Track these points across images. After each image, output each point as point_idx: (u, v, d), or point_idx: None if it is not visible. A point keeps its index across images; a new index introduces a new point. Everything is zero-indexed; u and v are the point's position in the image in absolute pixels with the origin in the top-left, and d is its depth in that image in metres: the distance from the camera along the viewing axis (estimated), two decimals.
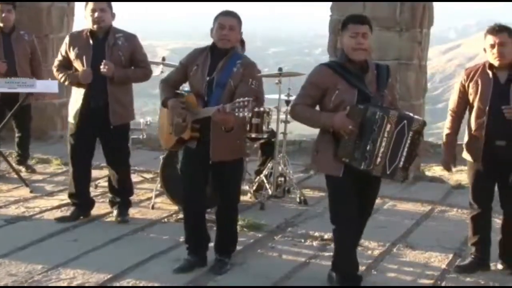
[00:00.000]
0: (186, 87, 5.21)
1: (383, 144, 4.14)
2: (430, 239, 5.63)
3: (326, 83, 4.25)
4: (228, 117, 4.41)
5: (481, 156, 4.77)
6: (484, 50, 4.79)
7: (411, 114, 4.29)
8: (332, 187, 4.36)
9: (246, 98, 4.32)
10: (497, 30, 4.71)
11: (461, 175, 7.68)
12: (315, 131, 4.57)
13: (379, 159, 4.16)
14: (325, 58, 8.45)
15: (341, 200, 4.32)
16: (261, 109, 6.30)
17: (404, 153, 4.18)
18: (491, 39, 4.71)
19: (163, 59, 7.29)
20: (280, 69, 6.88)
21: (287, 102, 6.88)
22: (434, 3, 7.88)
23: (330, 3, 7.90)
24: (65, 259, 4.99)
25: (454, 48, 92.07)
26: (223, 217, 4.89)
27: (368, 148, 4.13)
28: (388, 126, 4.12)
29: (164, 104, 4.81)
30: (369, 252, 5.30)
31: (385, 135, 4.13)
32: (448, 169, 5.11)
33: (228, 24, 4.63)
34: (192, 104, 4.66)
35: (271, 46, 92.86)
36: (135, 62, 5.77)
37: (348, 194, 4.30)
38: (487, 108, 4.70)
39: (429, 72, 4.31)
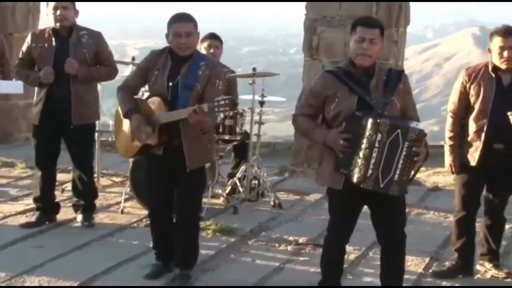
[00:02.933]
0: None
1: (374, 155, 3.90)
2: (407, 243, 5.66)
3: (327, 91, 4.10)
4: (206, 118, 4.38)
5: (477, 159, 4.79)
6: (489, 50, 4.77)
7: (409, 123, 3.99)
8: (331, 200, 4.28)
9: (227, 96, 4.28)
10: (509, 32, 4.66)
11: (438, 177, 7.76)
12: (290, 133, 4.57)
13: (370, 171, 3.91)
14: (300, 57, 8.49)
15: (338, 213, 4.24)
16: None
17: (400, 165, 3.89)
18: (500, 41, 4.68)
19: (133, 58, 7.26)
20: (254, 69, 6.88)
21: (261, 103, 6.89)
22: (411, 2, 7.95)
23: (304, 2, 7.94)
24: (30, 266, 4.94)
25: (431, 47, 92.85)
26: (184, 227, 4.76)
27: (360, 159, 3.93)
28: (379, 135, 3.88)
29: (126, 116, 4.66)
30: (345, 256, 5.31)
31: (376, 145, 3.89)
32: (454, 172, 5.02)
33: (183, 31, 4.52)
34: (157, 110, 4.57)
35: (244, 46, 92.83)
36: (100, 60, 5.74)
37: (346, 208, 4.19)
38: (489, 110, 4.72)
39: (406, 73, 4.27)
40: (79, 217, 5.94)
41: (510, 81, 4.75)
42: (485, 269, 5.07)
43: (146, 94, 5.09)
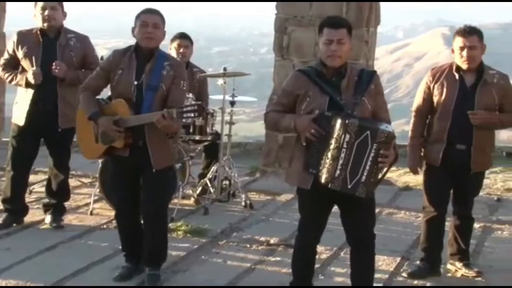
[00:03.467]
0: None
1: (342, 155, 3.89)
2: (377, 243, 5.63)
3: (297, 91, 4.11)
4: (174, 122, 4.39)
5: (441, 159, 4.83)
6: (452, 51, 4.82)
7: (378, 124, 3.97)
8: (300, 200, 4.29)
9: (195, 102, 4.31)
10: (468, 32, 4.71)
11: (409, 177, 7.81)
12: (261, 133, 4.57)
13: (338, 172, 3.91)
14: (271, 57, 8.50)
15: (308, 213, 4.25)
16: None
17: (367, 167, 3.89)
18: (460, 41, 4.73)
19: (101, 58, 7.19)
20: (224, 68, 6.87)
21: (232, 103, 6.89)
22: (381, 2, 8.01)
23: (275, 2, 7.95)
24: None
25: (402, 47, 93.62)
26: (153, 226, 4.73)
27: (328, 159, 3.93)
28: (348, 136, 3.87)
29: (91, 119, 4.64)
30: (316, 256, 5.32)
31: (344, 145, 3.88)
32: (415, 172, 5.09)
33: (151, 22, 4.54)
34: (123, 112, 4.55)
35: (215, 45, 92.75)
36: (86, 64, 5.71)
37: (316, 208, 4.19)
38: (451, 111, 4.76)
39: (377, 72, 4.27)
40: (48, 218, 5.88)
41: (473, 81, 4.78)
42: (455, 269, 5.12)
43: None
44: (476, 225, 6.00)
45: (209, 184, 6.73)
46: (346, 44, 4.09)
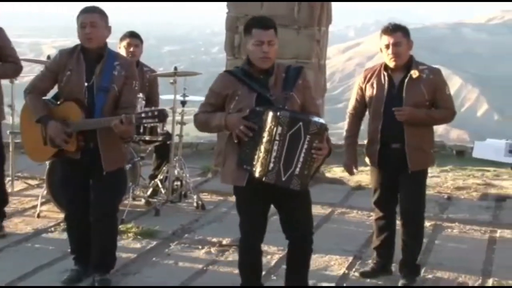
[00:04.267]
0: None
1: (275, 148, 3.93)
2: (330, 242, 5.75)
3: (226, 91, 4.15)
4: (131, 127, 4.38)
5: (377, 160, 4.88)
6: (381, 50, 4.84)
7: (310, 116, 4.04)
8: (237, 198, 4.29)
9: (157, 108, 4.29)
10: (391, 29, 4.72)
11: (361, 176, 7.90)
12: (213, 134, 4.56)
13: (271, 165, 3.94)
14: (223, 56, 8.50)
15: (245, 211, 4.25)
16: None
17: (301, 159, 3.93)
18: (386, 39, 4.74)
19: (48, 57, 7.10)
20: (175, 68, 6.85)
21: (183, 102, 6.87)
22: (332, 2, 8.07)
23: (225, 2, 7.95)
24: None
25: (354, 46, 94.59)
26: (100, 229, 4.68)
27: (261, 152, 3.96)
28: (280, 128, 3.91)
29: (40, 122, 4.57)
30: (269, 257, 5.36)
31: (277, 138, 3.93)
32: (350, 172, 5.13)
33: (88, 21, 4.49)
34: (75, 115, 4.49)
35: (165, 44, 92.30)
36: (3, 56, 5.56)
37: (254, 206, 4.19)
38: (381, 110, 4.79)
39: (329, 72, 4.31)
40: None
41: (401, 79, 4.78)
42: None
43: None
44: (427, 223, 6.09)
45: (160, 185, 6.70)
46: (275, 45, 4.14)
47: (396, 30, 4.72)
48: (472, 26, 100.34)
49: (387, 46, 4.72)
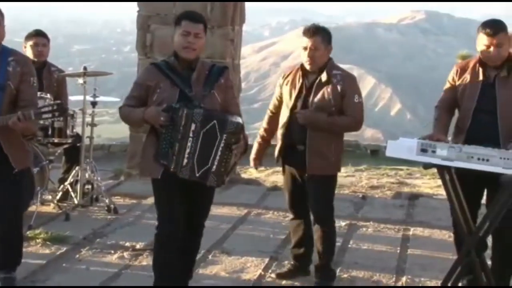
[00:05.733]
0: None
1: (189, 144, 4.12)
2: (246, 244, 5.80)
3: (148, 82, 4.27)
4: (31, 124, 4.31)
5: (282, 159, 4.97)
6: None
7: (226, 116, 4.21)
8: (154, 190, 4.36)
9: (54, 102, 4.22)
10: (312, 32, 4.75)
11: (277, 177, 7.98)
12: (126, 135, 4.56)
13: (185, 160, 4.13)
14: (135, 55, 8.42)
15: (161, 203, 4.31)
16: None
17: (218, 157, 4.12)
18: (304, 41, 4.78)
19: None
20: (85, 68, 6.74)
21: (93, 103, 6.78)
22: (246, 2, 8.12)
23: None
24: None
25: (269, 46, 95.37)
26: (7, 227, 4.59)
27: (176, 148, 4.13)
28: (193, 125, 4.11)
29: None
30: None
31: (191, 135, 4.11)
32: (255, 165, 5.21)
33: None
34: None
35: (75, 43, 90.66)
36: None
37: (169, 197, 4.27)
38: (290, 111, 4.86)
39: (244, 71, 4.36)
40: None
41: (312, 80, 4.83)
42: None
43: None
44: (342, 223, 6.24)
45: (70, 189, 6.59)
46: (202, 39, 4.29)
47: (316, 33, 4.75)
48: (384, 26, 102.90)
49: (305, 49, 4.78)
